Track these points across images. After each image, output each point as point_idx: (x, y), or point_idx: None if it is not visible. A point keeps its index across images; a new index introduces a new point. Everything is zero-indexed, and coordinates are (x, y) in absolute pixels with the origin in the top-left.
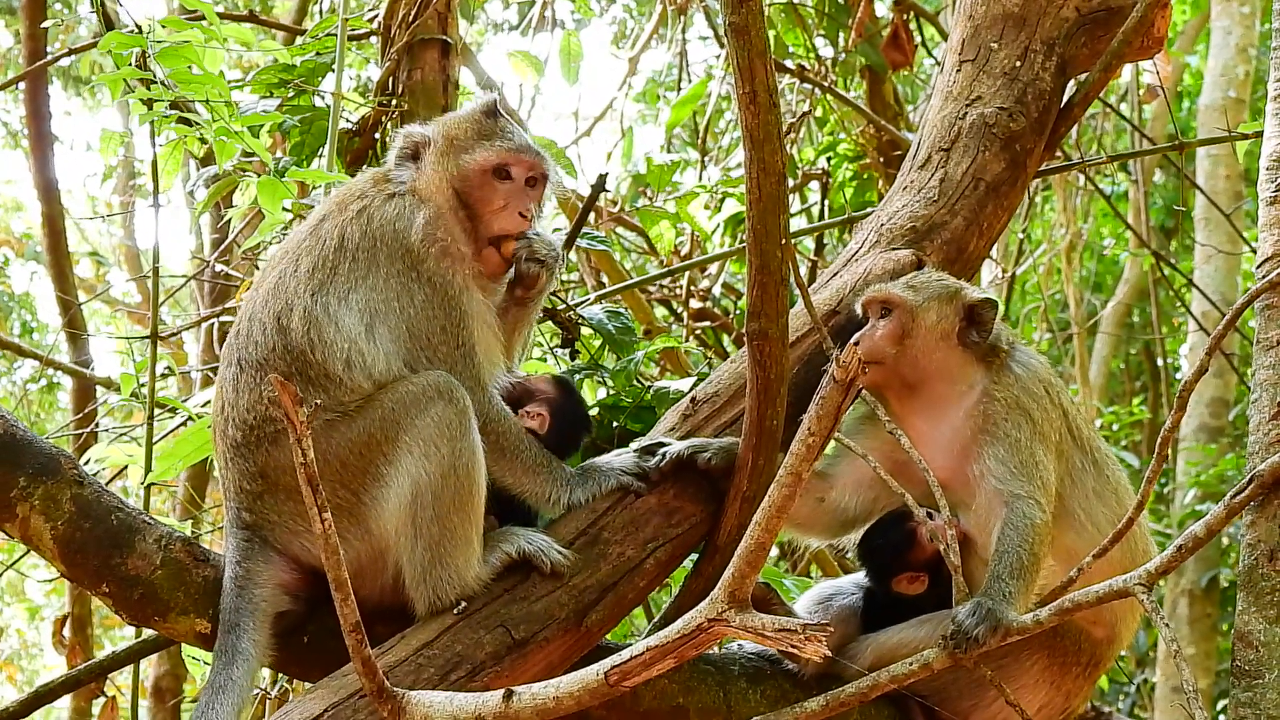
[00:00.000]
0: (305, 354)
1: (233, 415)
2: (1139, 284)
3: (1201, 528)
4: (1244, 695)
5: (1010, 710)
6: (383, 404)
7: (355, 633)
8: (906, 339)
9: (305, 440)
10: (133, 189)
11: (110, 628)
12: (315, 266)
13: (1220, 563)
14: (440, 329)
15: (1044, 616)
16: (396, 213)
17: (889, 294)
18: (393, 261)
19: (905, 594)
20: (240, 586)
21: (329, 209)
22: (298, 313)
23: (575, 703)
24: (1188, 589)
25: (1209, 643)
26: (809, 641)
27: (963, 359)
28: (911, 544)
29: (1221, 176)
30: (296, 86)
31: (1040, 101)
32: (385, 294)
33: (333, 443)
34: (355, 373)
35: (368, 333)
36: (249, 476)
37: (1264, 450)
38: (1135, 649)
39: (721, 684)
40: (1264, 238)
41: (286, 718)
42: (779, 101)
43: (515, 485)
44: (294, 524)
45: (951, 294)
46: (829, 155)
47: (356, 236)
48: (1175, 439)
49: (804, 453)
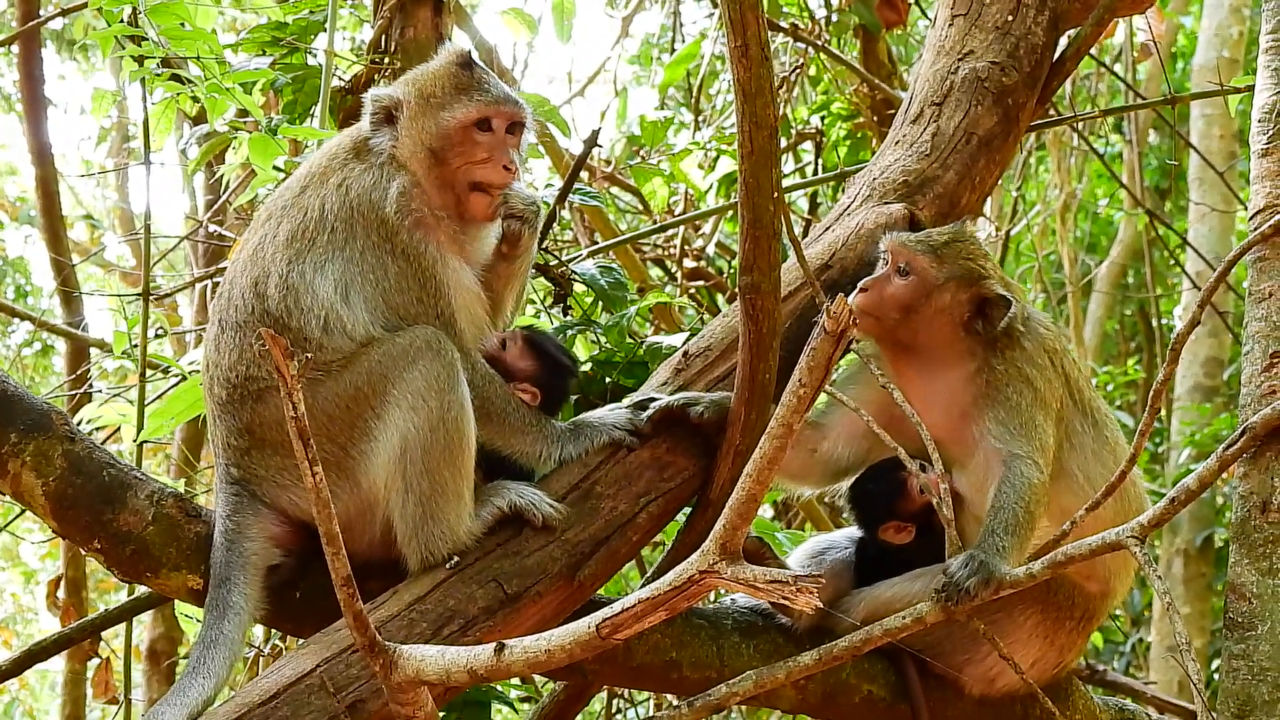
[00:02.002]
0: (281, 320)
1: (217, 374)
2: (1133, 244)
3: (1194, 480)
4: (1237, 647)
5: (1004, 664)
6: (370, 358)
7: (347, 587)
8: (913, 311)
9: (296, 394)
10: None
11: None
12: (294, 236)
13: (1215, 522)
14: (416, 300)
15: (1037, 570)
16: (373, 183)
17: (914, 256)
18: (369, 234)
19: (891, 543)
20: (230, 540)
21: (309, 178)
22: (274, 280)
23: (567, 656)
24: (1182, 548)
25: (1203, 602)
26: (801, 593)
27: (964, 342)
28: (901, 493)
29: (1215, 136)
30: (289, 45)
31: (1032, 56)
32: (361, 266)
33: (318, 399)
34: (334, 335)
35: (343, 300)
36: (236, 432)
37: (1256, 402)
38: (1130, 609)
39: (714, 638)
40: (1256, 190)
41: (280, 673)
42: (771, 55)
43: (505, 447)
44: (282, 478)
45: (972, 280)
46: (822, 115)
47: (335, 208)
48: (1170, 399)
49: (795, 404)
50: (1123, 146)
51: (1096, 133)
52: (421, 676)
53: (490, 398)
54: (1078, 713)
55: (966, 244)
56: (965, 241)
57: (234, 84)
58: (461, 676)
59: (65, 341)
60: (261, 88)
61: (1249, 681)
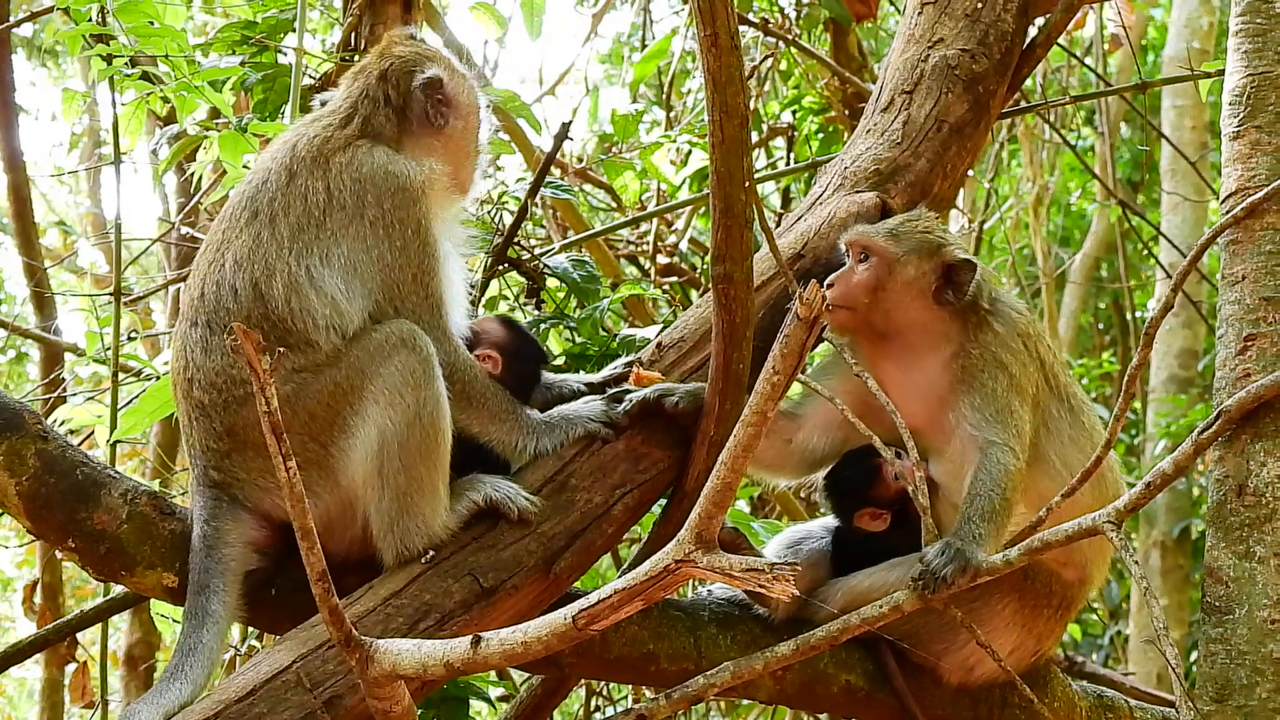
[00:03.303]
0: (286, 322)
1: (199, 377)
2: (1107, 237)
3: (1170, 464)
4: (1214, 631)
5: (982, 652)
6: (348, 355)
7: (322, 582)
8: (880, 291)
9: (269, 389)
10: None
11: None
12: (299, 227)
13: (1192, 513)
14: (412, 277)
15: (1013, 556)
16: (387, 158)
17: (870, 240)
18: (380, 204)
19: (867, 530)
20: (210, 545)
21: (298, 166)
22: (280, 279)
23: (544, 648)
24: (1159, 540)
25: (1181, 594)
26: (777, 581)
27: (938, 316)
28: (876, 480)
29: (1187, 127)
30: (259, 43)
31: (1003, 43)
32: (367, 241)
33: (303, 398)
34: (332, 335)
35: (346, 290)
36: (215, 436)
37: (1231, 385)
38: (1108, 601)
39: (691, 630)
40: (1227, 173)
41: (256, 669)
42: (740, 44)
43: (482, 433)
44: (264, 480)
45: (933, 250)
46: (794, 109)
47: (346, 184)
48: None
49: (769, 392)
50: (1095, 139)
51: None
52: (398, 671)
53: (470, 381)
54: (1056, 700)
55: (921, 220)
56: (920, 219)
57: (204, 83)
58: (438, 670)
59: (39, 348)
60: (232, 86)
61: (1227, 665)
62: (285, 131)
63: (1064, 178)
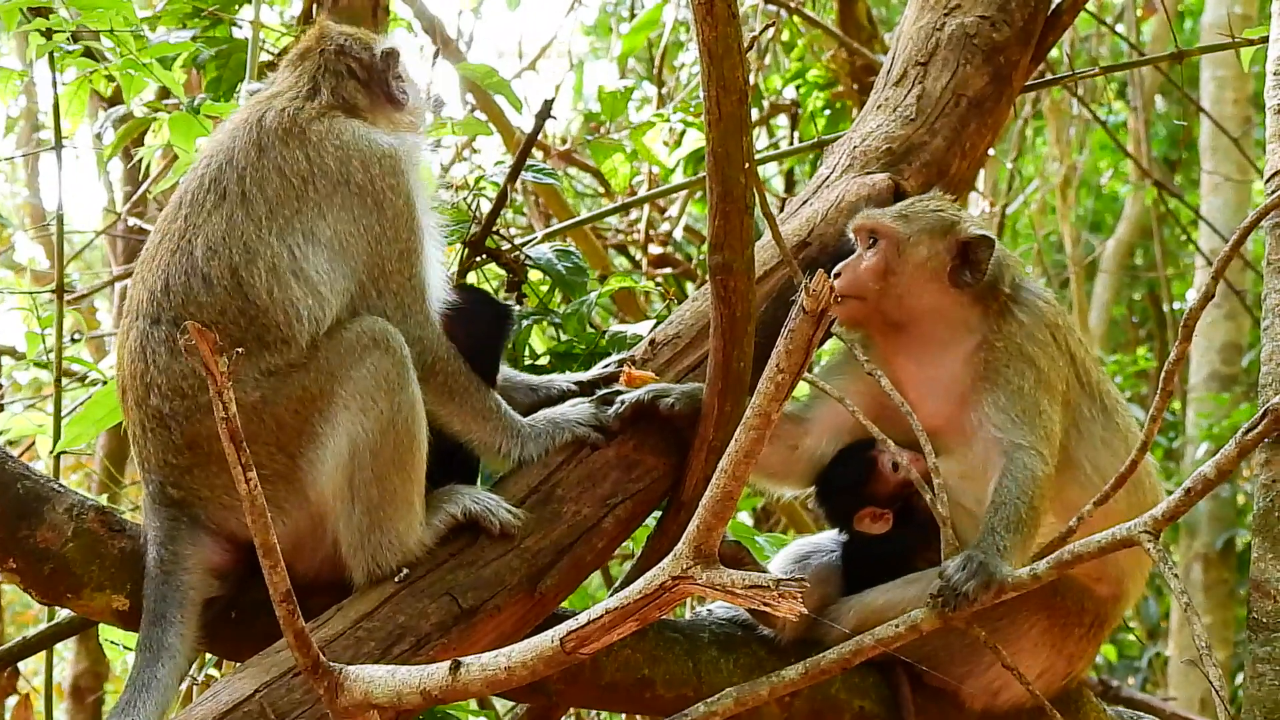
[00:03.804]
0: (266, 314)
1: (159, 381)
2: (1141, 221)
3: (1211, 468)
4: (1262, 650)
5: (1008, 676)
6: (317, 357)
7: (286, 603)
8: (891, 275)
9: (227, 393)
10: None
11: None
12: (278, 201)
13: (1237, 523)
14: (399, 254)
15: (1042, 570)
16: (366, 129)
17: (877, 222)
18: (368, 169)
19: (869, 535)
20: (167, 572)
21: (267, 140)
22: (262, 262)
23: (529, 673)
24: (1202, 552)
25: (1226, 611)
26: (783, 598)
27: (956, 300)
28: (871, 474)
29: (1229, 101)
30: (212, 16)
31: (1025, 9)
32: (354, 212)
33: (273, 404)
34: (309, 328)
35: (330, 271)
36: (174, 449)
37: (1278, 381)
38: (1146, 619)
39: (690, 653)
40: (1272, 149)
41: (215, 700)
42: (738, 12)
43: (464, 432)
44: (229, 498)
45: (946, 228)
46: (798, 84)
47: (329, 152)
48: (1184, 390)
49: (773, 391)
50: (1127, 115)
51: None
52: (370, 700)
53: (454, 374)
54: None
55: (931, 200)
56: (930, 199)
57: (152, 60)
58: (414, 698)
59: None
60: (183, 63)
61: (1276, 687)
62: (233, 114)
63: (1094, 157)
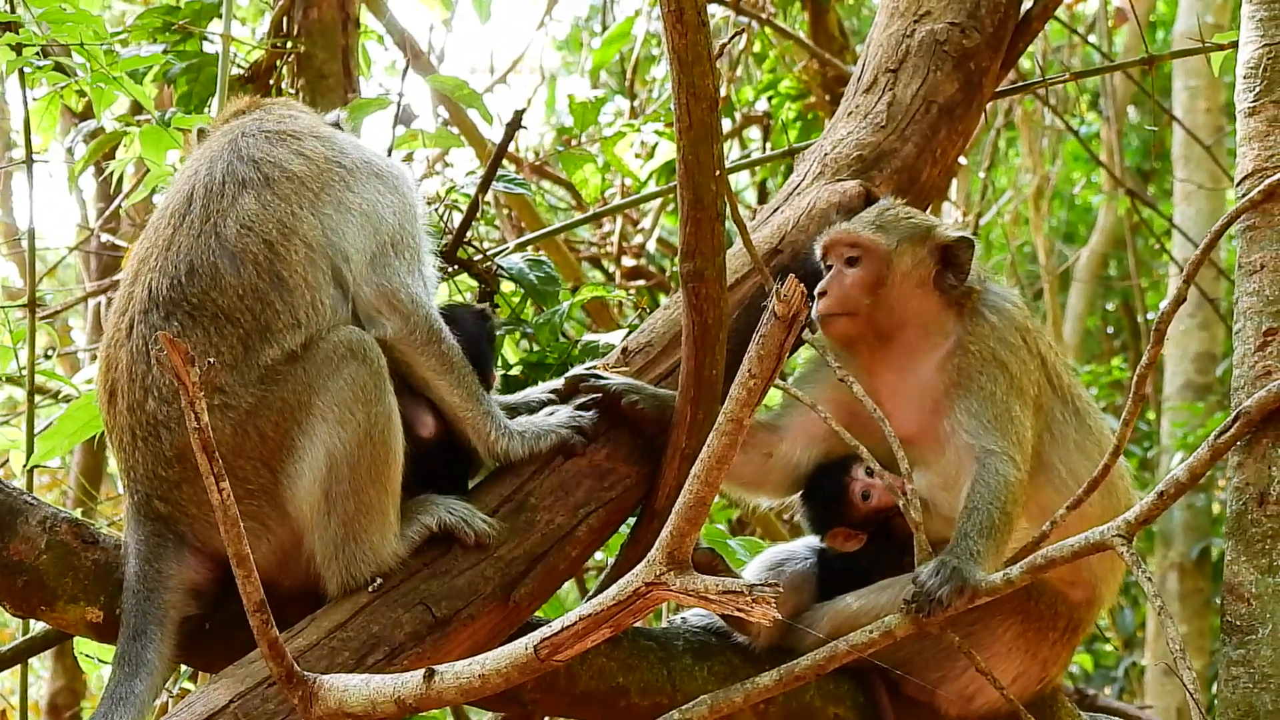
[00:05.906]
0: (293, 295)
1: (158, 382)
2: (1115, 231)
3: (1184, 471)
4: (1236, 653)
5: (982, 681)
6: (295, 368)
7: (260, 613)
8: (880, 287)
9: (199, 403)
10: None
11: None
12: (308, 175)
13: (1213, 532)
14: (415, 232)
15: (1015, 575)
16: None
17: (857, 236)
18: (381, 159)
19: (841, 550)
20: (149, 589)
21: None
22: (299, 240)
23: (503, 680)
24: (1177, 562)
25: (1202, 620)
26: (757, 604)
27: (938, 305)
28: (842, 499)
29: (1201, 110)
30: (182, 30)
31: (995, 15)
32: (378, 188)
33: (255, 417)
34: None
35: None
36: (165, 462)
37: (1250, 384)
38: (1121, 630)
39: (664, 660)
40: (1243, 153)
41: (190, 710)
42: (708, 19)
43: (460, 407)
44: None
45: (924, 233)
46: (770, 95)
47: (345, 142)
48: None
49: (745, 397)
50: (1100, 125)
51: (1071, 110)
52: (345, 709)
53: (454, 348)
54: None
55: (899, 208)
56: (897, 207)
57: (123, 74)
58: (389, 707)
59: None
60: (153, 77)
61: (1250, 690)
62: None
63: (1067, 167)
